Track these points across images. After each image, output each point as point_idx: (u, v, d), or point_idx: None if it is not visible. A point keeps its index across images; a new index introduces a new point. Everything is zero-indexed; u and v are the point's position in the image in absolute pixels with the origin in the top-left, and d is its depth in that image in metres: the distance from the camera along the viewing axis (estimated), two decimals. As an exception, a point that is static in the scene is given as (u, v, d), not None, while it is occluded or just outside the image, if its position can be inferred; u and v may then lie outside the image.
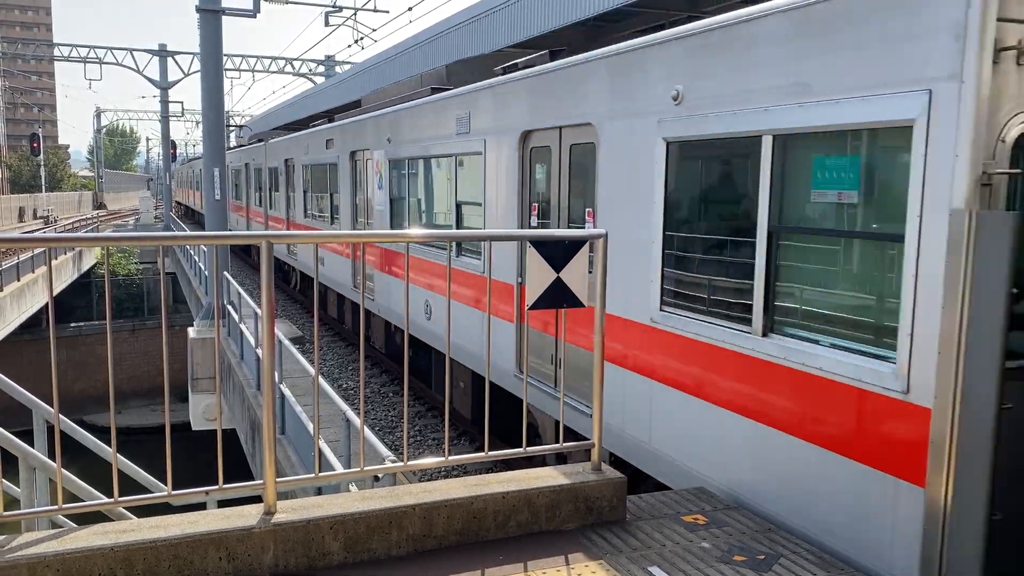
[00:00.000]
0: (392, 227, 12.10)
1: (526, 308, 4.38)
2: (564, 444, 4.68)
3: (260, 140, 26.50)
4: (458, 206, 9.77)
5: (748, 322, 5.07)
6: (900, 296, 4.06)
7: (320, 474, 4.30)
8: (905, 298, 4.00)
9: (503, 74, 8.72)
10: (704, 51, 5.40)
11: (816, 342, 4.65)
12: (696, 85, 5.45)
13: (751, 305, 5.05)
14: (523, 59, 8.78)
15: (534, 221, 7.98)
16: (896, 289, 4.12)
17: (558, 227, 7.53)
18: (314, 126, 18.20)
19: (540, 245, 4.35)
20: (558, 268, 4.36)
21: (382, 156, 12.52)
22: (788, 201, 4.91)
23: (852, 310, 4.50)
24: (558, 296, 4.39)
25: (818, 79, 4.49)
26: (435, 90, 10.87)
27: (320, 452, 6.34)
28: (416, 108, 11.05)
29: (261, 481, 3.87)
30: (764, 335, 4.95)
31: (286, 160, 20.41)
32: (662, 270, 5.89)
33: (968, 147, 3.69)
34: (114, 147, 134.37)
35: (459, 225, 9.80)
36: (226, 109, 20.69)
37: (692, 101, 5.50)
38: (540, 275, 4.34)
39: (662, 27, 6.15)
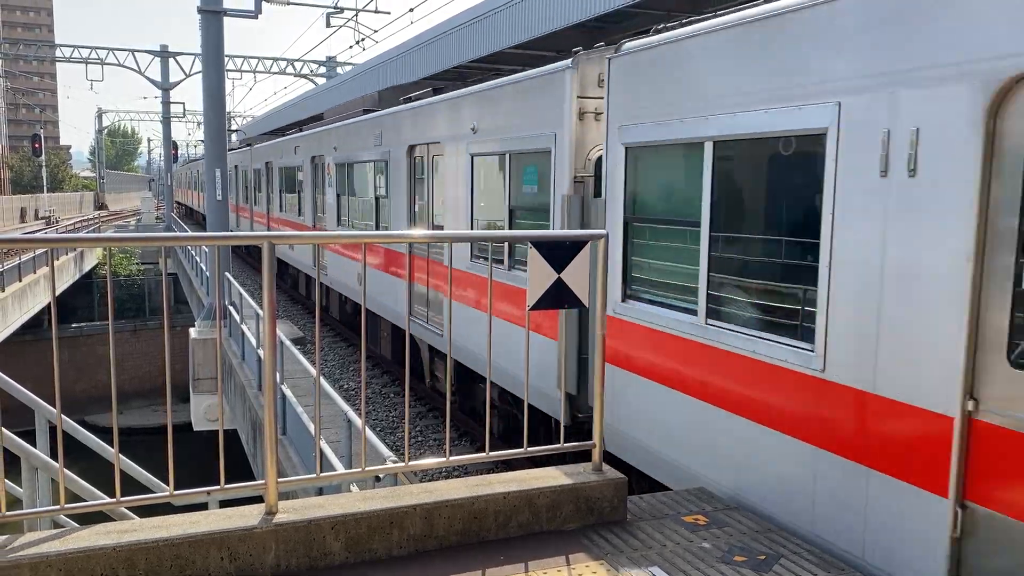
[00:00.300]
0: (338, 217, 15.89)
1: (527, 308, 4.39)
2: (565, 444, 4.69)
3: (248, 145, 28.83)
4: (377, 199, 13.25)
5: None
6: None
7: (321, 474, 4.31)
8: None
9: (404, 103, 12.14)
10: (482, 102, 9.22)
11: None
12: (483, 121, 9.19)
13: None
14: (416, 92, 12.45)
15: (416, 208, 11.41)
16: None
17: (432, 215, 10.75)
18: (288, 134, 21.86)
19: (541, 246, 4.36)
20: (559, 268, 4.37)
21: (332, 160, 15.99)
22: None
23: None
24: (559, 296, 4.40)
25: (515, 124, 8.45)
26: (367, 111, 14.43)
27: (321, 452, 6.35)
28: (352, 124, 14.77)
29: (263, 481, 3.88)
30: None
31: (266, 163, 23.62)
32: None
33: (568, 163, 7.39)
34: (115, 148, 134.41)
35: (378, 213, 13.15)
36: (227, 110, 20.81)
37: (481, 130, 9.24)
38: (541, 276, 4.35)
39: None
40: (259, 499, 3.89)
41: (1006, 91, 3.56)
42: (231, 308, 14.84)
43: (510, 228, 8.47)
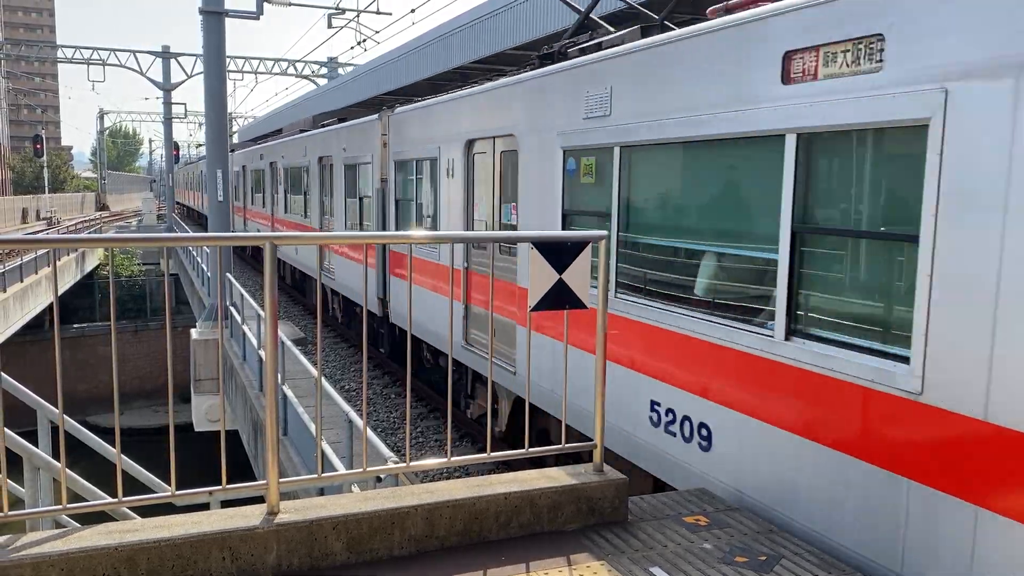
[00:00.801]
0: (285, 207, 21.69)
1: (528, 309, 4.39)
2: (566, 445, 4.69)
3: (233, 150, 32.88)
4: (305, 194, 18.88)
5: None
6: None
7: (323, 475, 4.31)
8: None
9: (318, 127, 18.33)
10: (345, 132, 15.55)
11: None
12: (347, 145, 15.34)
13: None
14: (325, 120, 18.70)
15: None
16: None
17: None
18: (261, 142, 27.50)
19: (543, 247, 4.36)
20: (560, 269, 4.37)
21: (281, 164, 21.97)
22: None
23: None
24: (560, 297, 4.40)
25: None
26: (302, 131, 20.45)
27: (323, 453, 6.36)
28: (296, 139, 20.57)
29: (264, 481, 3.89)
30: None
31: (243, 166, 29.17)
32: None
33: (377, 171, 13.16)
34: (117, 148, 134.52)
35: (306, 203, 18.99)
36: (229, 111, 20.92)
37: (347, 149, 15.29)
38: (542, 276, 4.36)
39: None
40: (260, 499, 3.89)
41: None
42: (232, 309, 14.85)
43: (347, 210, 15.23)
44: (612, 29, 8.32)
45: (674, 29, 6.47)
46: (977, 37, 3.68)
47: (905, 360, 4.09)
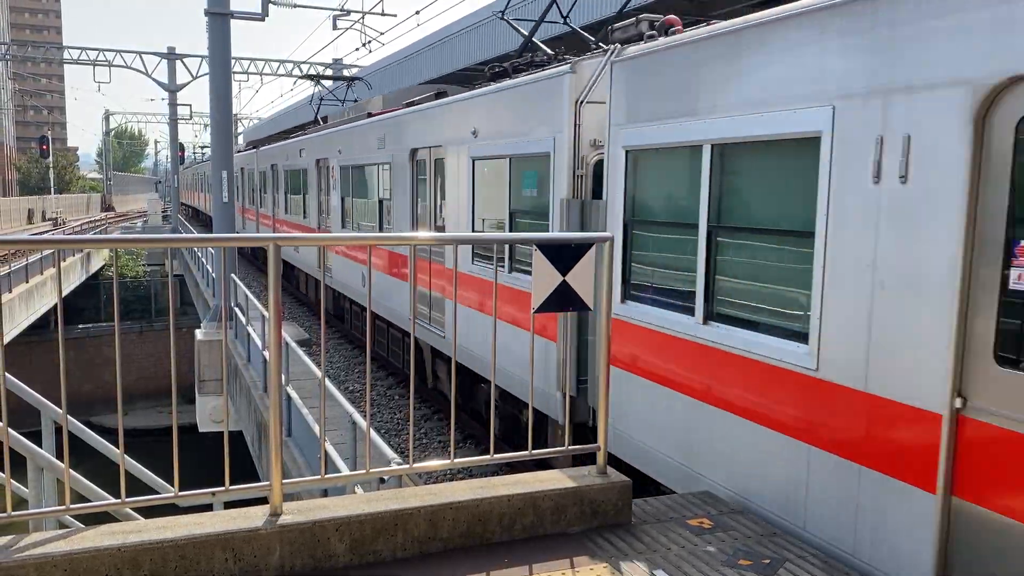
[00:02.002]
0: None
1: (533, 311, 4.39)
2: (569, 447, 4.69)
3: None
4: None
5: None
6: None
7: (326, 476, 4.31)
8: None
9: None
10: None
11: None
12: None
13: None
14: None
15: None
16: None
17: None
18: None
19: (546, 248, 4.35)
20: (564, 271, 4.37)
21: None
22: None
23: None
24: (564, 299, 4.40)
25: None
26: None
27: (326, 454, 6.35)
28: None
29: (268, 483, 3.89)
30: None
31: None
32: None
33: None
34: (122, 149, 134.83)
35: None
36: (234, 112, 20.96)
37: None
38: (546, 278, 4.35)
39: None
40: (264, 500, 3.89)
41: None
42: (237, 310, 14.87)
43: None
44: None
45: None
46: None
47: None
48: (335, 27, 26.91)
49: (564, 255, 4.37)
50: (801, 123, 4.71)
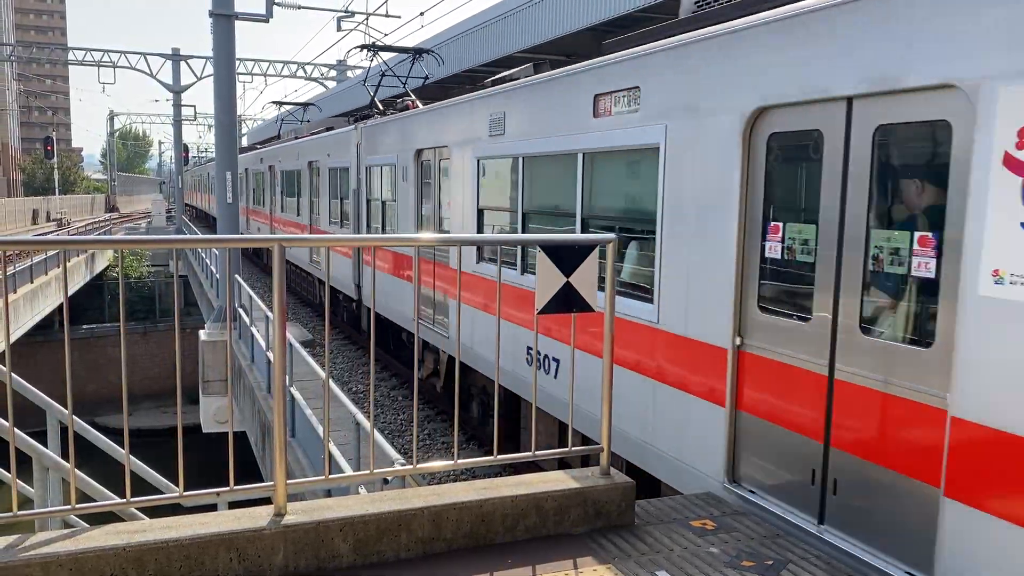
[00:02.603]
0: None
1: (536, 312, 4.39)
2: (572, 448, 4.69)
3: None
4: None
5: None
6: None
7: (330, 476, 4.32)
8: None
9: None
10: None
11: None
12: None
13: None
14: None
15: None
16: None
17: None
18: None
19: (550, 250, 4.36)
20: (567, 272, 4.38)
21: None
22: None
23: None
24: (567, 300, 4.40)
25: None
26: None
27: (330, 454, 6.36)
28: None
29: (272, 483, 3.90)
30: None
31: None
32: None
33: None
34: (127, 150, 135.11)
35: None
36: (238, 113, 20.96)
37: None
38: (550, 279, 4.36)
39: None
40: (268, 500, 3.91)
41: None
42: (241, 310, 14.89)
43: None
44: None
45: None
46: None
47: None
48: (339, 28, 26.96)
49: (568, 257, 4.38)
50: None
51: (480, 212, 9.54)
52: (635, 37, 6.96)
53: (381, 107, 15.93)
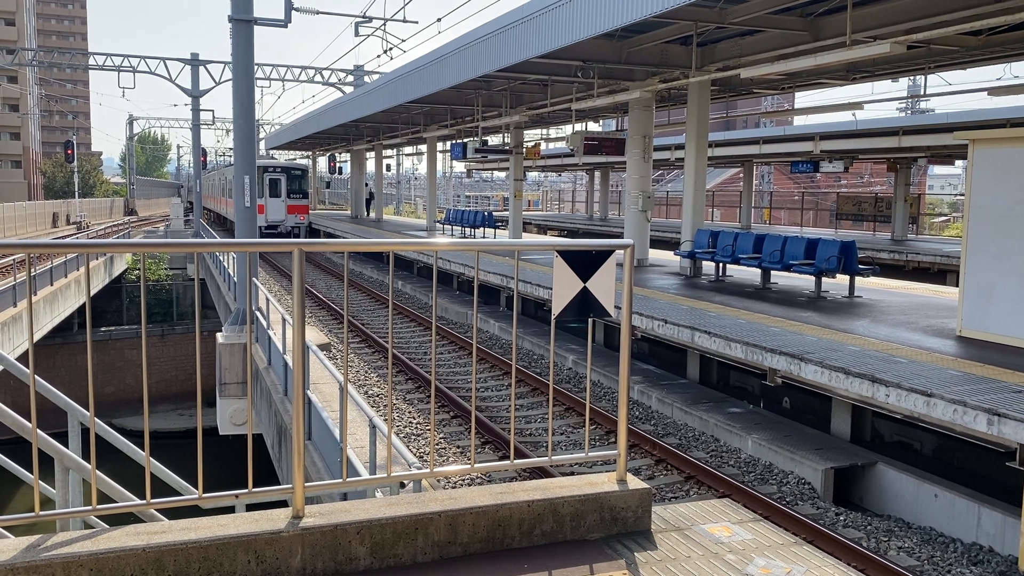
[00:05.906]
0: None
1: (553, 318, 4.40)
2: (589, 454, 4.69)
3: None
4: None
5: None
6: None
7: (348, 479, 4.34)
8: None
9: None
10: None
11: None
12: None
13: None
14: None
15: None
16: None
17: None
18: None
19: (567, 255, 4.37)
20: (585, 278, 4.38)
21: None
22: None
23: None
24: (585, 306, 4.41)
25: None
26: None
27: (347, 458, 6.39)
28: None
29: (290, 486, 3.92)
30: None
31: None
32: None
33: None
34: (146, 154, 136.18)
35: None
36: (257, 117, 21.15)
37: None
38: (566, 285, 4.36)
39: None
40: (285, 503, 3.93)
41: None
42: (258, 313, 14.98)
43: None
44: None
45: None
46: None
47: None
48: (357, 34, 27.10)
49: (584, 262, 4.38)
50: None
51: None
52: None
53: None
